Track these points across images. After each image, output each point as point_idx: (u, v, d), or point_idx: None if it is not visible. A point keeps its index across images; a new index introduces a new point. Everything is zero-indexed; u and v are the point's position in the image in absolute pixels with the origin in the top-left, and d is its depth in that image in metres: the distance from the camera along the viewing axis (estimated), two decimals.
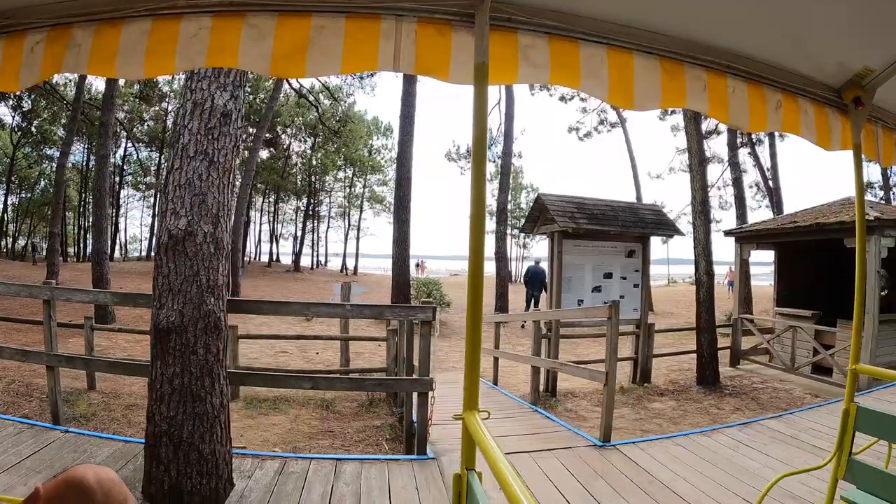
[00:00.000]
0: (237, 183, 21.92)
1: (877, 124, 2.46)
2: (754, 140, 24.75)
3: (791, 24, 1.87)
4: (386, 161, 44.01)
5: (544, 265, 14.29)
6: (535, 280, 15.77)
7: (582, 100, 27.17)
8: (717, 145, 24.66)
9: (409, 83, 17.74)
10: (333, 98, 32.17)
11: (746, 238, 10.16)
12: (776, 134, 25.09)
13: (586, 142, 28.90)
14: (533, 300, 15.92)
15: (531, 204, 10.64)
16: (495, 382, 8.62)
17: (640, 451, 4.36)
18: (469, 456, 1.52)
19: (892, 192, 25.91)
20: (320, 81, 29.03)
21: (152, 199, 39.93)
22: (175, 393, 3.15)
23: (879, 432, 2.32)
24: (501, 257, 19.87)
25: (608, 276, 8.25)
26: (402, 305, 6.49)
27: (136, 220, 69.73)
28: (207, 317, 3.24)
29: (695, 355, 8.38)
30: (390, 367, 6.73)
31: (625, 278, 8.37)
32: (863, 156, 2.38)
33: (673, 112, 26.05)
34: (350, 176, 44.80)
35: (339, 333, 8.81)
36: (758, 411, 6.49)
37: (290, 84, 27.74)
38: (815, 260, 9.97)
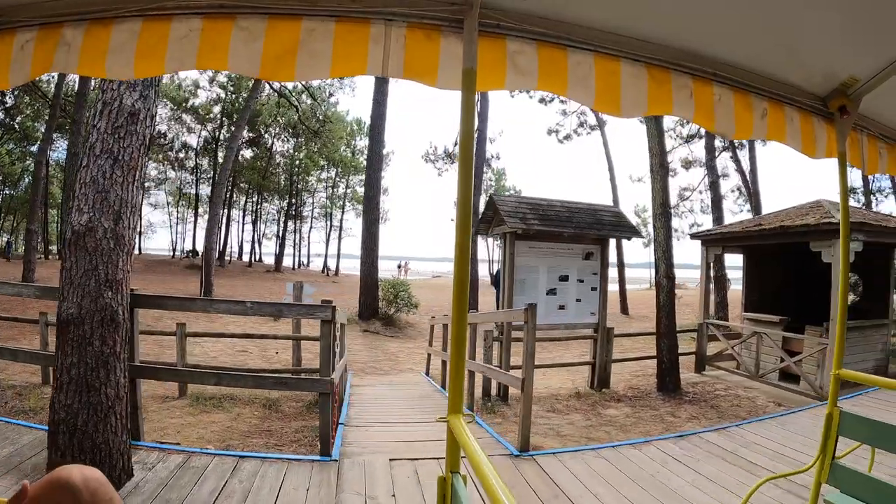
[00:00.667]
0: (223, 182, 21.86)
1: (862, 133, 2.51)
2: (736, 144, 25.10)
3: (778, 33, 1.91)
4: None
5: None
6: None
7: (562, 102, 27.20)
8: (698, 149, 24.94)
9: (381, 84, 17.85)
10: (313, 98, 32.46)
11: (712, 241, 10.12)
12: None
13: (566, 144, 28.93)
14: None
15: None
16: (443, 385, 8.63)
17: (557, 463, 4.16)
18: (453, 458, 1.54)
19: (873, 197, 26.52)
20: (301, 83, 29.27)
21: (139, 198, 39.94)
22: (72, 382, 3.30)
23: (862, 437, 2.37)
24: (472, 259, 19.87)
25: (564, 278, 8.18)
26: (303, 305, 6.43)
27: None
28: (104, 310, 3.40)
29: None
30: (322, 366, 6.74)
31: (582, 281, 8.30)
32: (847, 164, 2.45)
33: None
34: (332, 176, 45.06)
35: (291, 333, 8.83)
36: (715, 420, 6.40)
37: (270, 84, 27.99)
38: (783, 264, 9.94)
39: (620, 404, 7.27)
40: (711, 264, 10.16)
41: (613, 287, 23.38)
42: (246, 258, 46.00)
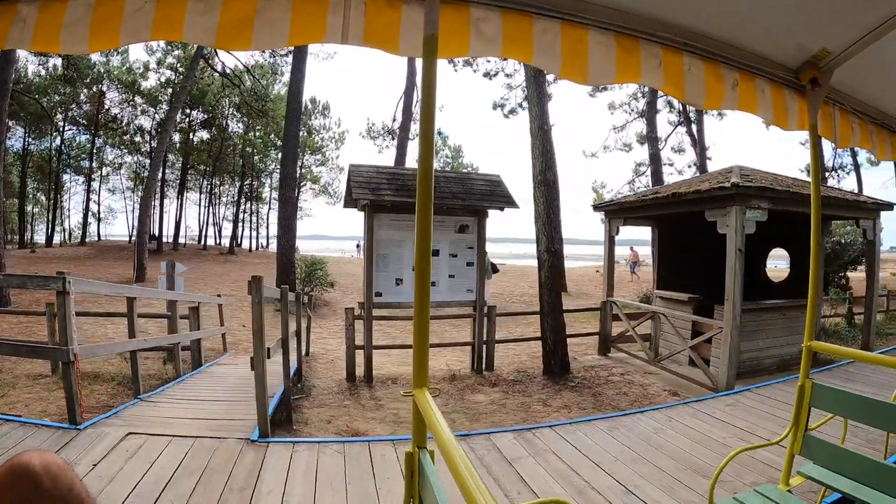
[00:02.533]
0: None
1: (834, 106, 2.59)
2: (692, 119, 25.73)
3: (749, 4, 1.96)
4: (325, 141, 44.99)
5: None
6: None
7: (507, 76, 27.16)
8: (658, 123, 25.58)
9: (299, 60, 17.96)
10: (253, 77, 32.33)
11: (613, 212, 9.61)
12: (715, 112, 26.46)
13: (512, 119, 29.07)
14: None
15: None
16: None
17: (286, 453, 3.81)
18: (420, 434, 1.56)
19: (835, 173, 27.63)
20: (240, 62, 29.48)
21: (97, 183, 40.35)
22: None
23: (834, 408, 2.46)
24: None
25: (434, 253, 7.76)
26: (40, 276, 6.28)
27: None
28: None
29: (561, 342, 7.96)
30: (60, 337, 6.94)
31: (455, 255, 7.98)
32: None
33: (605, 89, 27.18)
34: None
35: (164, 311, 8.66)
36: (589, 410, 6.10)
37: (209, 63, 28.34)
38: (699, 237, 9.14)
39: (494, 389, 7.06)
40: (615, 237, 9.69)
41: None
42: (209, 241, 45.90)
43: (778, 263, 14.73)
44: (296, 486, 3.28)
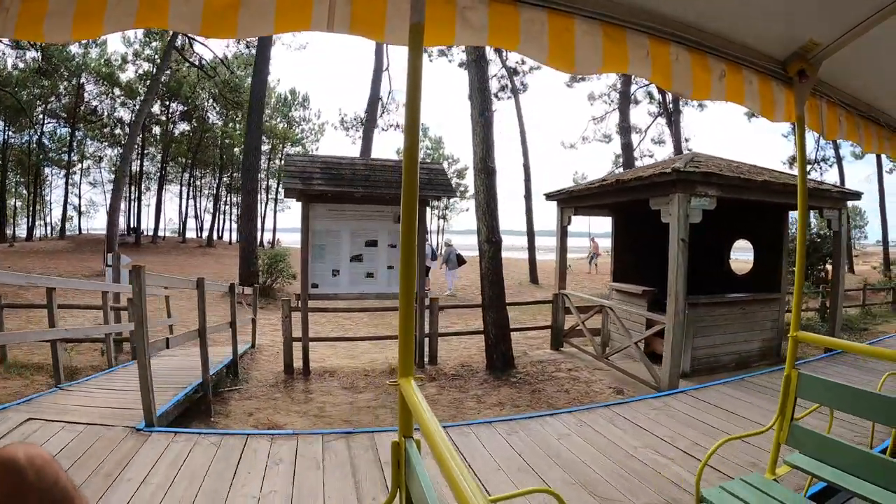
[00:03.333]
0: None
1: (821, 98, 2.64)
2: (671, 110, 26.01)
3: None
4: (305, 133, 45.00)
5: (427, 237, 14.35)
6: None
7: None
8: (638, 114, 26.15)
9: (264, 48, 18.09)
10: (227, 68, 32.19)
11: (564, 201, 9.23)
12: (696, 103, 26.82)
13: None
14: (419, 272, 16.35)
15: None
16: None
17: (163, 443, 3.83)
18: (406, 423, 1.57)
19: (818, 165, 28.30)
20: (215, 53, 29.12)
21: (78, 176, 40.16)
22: None
23: (820, 398, 2.51)
24: None
25: (372, 243, 7.74)
26: None
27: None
28: None
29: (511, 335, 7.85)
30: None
31: (394, 246, 7.82)
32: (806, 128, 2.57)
33: (582, 79, 27.22)
34: (268, 149, 44.76)
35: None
36: (523, 408, 5.93)
37: (182, 54, 28.33)
38: (649, 227, 8.49)
39: (432, 384, 6.95)
40: (567, 227, 9.34)
41: (523, 255, 23.94)
42: (191, 234, 46.11)
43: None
44: (156, 477, 3.31)
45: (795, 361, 2.55)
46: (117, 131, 37.66)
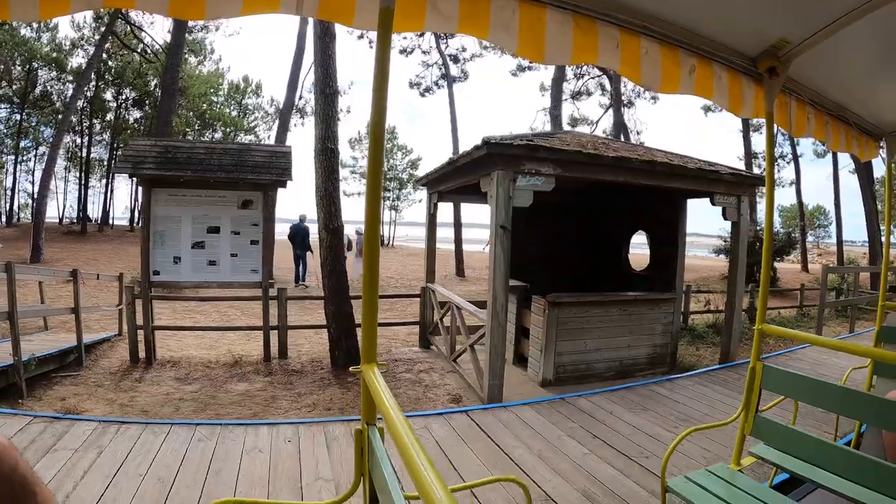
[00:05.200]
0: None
1: (790, 96, 2.74)
2: (624, 102, 26.58)
3: None
4: (257, 120, 44.06)
5: (309, 224, 14.54)
6: (296, 238, 16.31)
7: (424, 53, 27.65)
8: (587, 107, 26.66)
9: (179, 30, 18.69)
10: (165, 53, 31.78)
11: (429, 185, 8.73)
12: (649, 96, 27.91)
13: (428, 97, 29.08)
14: (301, 260, 16.39)
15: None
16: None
17: None
18: (369, 410, 1.61)
19: (777, 164, 29.05)
20: (156, 41, 29.64)
21: (33, 163, 39.47)
22: None
23: (784, 390, 2.61)
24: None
25: (214, 230, 7.63)
26: None
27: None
28: None
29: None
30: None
31: (238, 233, 7.71)
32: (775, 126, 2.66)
33: (529, 67, 27.91)
34: (220, 137, 44.14)
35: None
36: (334, 411, 5.70)
37: (120, 39, 29.03)
38: (534, 216, 7.79)
39: (266, 379, 6.80)
40: (435, 215, 9.00)
41: (449, 246, 23.69)
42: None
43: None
44: None
45: (760, 356, 2.65)
46: (72, 118, 36.74)
